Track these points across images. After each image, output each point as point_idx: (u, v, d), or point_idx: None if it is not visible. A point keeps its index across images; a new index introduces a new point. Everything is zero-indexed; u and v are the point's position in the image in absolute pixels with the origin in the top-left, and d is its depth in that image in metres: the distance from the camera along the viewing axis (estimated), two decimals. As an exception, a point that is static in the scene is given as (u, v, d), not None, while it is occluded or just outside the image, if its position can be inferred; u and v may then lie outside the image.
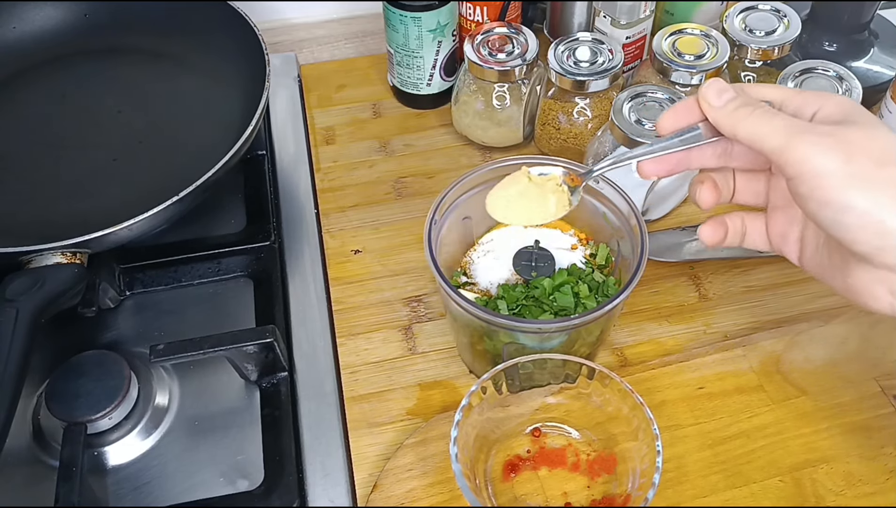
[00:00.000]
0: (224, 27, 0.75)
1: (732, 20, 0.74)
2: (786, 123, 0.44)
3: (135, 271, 0.67)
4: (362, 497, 0.56)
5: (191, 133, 0.73)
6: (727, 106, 0.46)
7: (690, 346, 0.63)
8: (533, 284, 0.58)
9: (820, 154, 0.42)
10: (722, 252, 0.68)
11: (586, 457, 0.55)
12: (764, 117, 0.45)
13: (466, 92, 0.75)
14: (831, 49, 0.78)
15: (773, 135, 0.44)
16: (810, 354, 0.61)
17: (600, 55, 0.71)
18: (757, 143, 0.45)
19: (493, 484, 0.54)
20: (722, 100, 0.46)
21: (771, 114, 0.45)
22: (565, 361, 0.54)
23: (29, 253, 0.58)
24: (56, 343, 0.63)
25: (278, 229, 0.71)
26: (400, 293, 0.67)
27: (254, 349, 0.58)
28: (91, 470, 0.56)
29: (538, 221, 0.52)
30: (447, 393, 0.61)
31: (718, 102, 0.46)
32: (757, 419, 0.57)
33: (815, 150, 0.43)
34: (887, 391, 0.58)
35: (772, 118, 0.45)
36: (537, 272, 0.59)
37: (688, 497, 0.54)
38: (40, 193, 0.69)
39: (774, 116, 0.45)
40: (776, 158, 0.44)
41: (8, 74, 0.78)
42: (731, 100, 0.46)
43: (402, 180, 0.76)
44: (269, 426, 0.58)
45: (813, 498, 0.54)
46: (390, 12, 0.75)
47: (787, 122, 0.44)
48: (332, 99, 0.84)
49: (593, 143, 0.70)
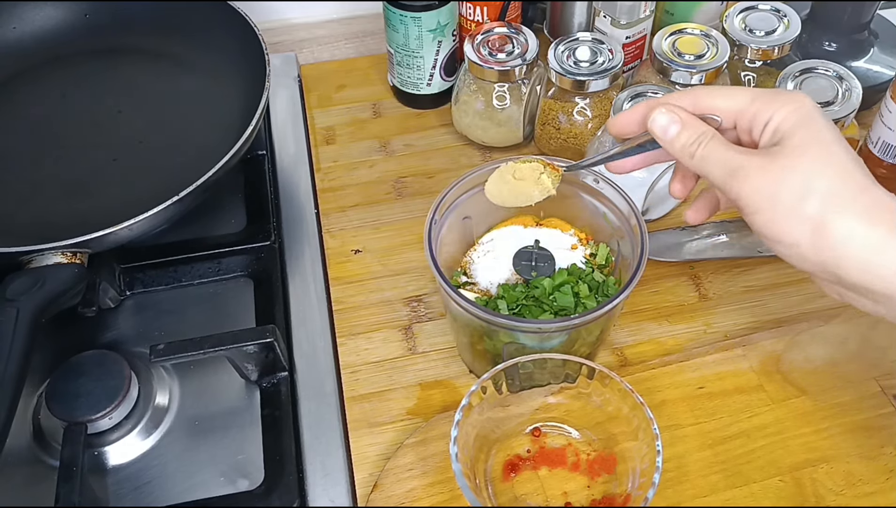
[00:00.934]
0: (224, 27, 0.75)
1: (732, 20, 0.74)
2: (723, 160, 0.47)
3: (135, 271, 0.67)
4: (362, 497, 0.56)
5: (191, 133, 0.73)
6: (673, 142, 0.48)
7: (690, 346, 0.63)
8: (533, 284, 0.58)
9: (751, 193, 0.45)
10: (722, 252, 0.68)
11: (586, 457, 0.55)
12: (706, 154, 0.47)
13: (466, 92, 0.75)
14: (831, 49, 0.78)
15: (714, 172, 0.47)
16: (810, 354, 0.61)
17: (600, 55, 0.71)
18: (703, 175, 0.48)
19: (493, 484, 0.54)
20: (667, 137, 0.49)
21: (712, 148, 0.47)
22: (565, 361, 0.54)
23: (29, 253, 0.58)
24: (56, 343, 0.63)
25: (278, 229, 0.71)
26: (400, 293, 0.67)
27: (254, 348, 0.58)
28: (91, 470, 0.56)
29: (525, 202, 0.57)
30: (447, 393, 0.61)
31: (665, 138, 0.49)
32: (757, 419, 0.57)
33: (746, 190, 0.46)
34: (887, 390, 0.58)
35: (711, 154, 0.47)
36: (537, 272, 0.59)
37: (688, 497, 0.54)
38: (40, 193, 0.69)
39: (714, 151, 0.47)
40: (720, 192, 0.49)
41: (8, 74, 0.78)
42: (674, 137, 0.48)
43: (402, 180, 0.76)
44: (269, 425, 0.58)
45: (813, 498, 0.54)
46: (390, 12, 0.75)
47: (725, 158, 0.47)
48: (333, 99, 0.84)
49: (593, 143, 0.70)
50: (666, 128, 0.49)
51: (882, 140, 0.69)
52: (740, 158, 0.46)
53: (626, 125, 0.52)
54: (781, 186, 0.45)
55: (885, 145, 0.69)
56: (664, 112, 0.49)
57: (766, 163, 0.45)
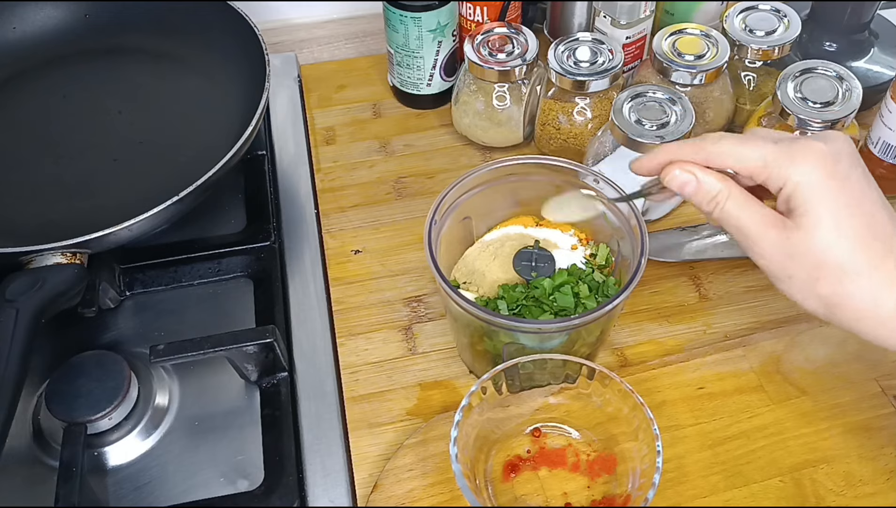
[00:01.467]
0: (224, 27, 0.75)
1: (732, 20, 0.74)
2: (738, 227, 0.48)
3: (135, 272, 0.67)
4: (362, 498, 0.56)
5: (191, 133, 0.73)
6: (691, 198, 0.49)
7: (690, 346, 0.63)
8: (533, 284, 0.58)
9: (767, 265, 0.47)
10: (722, 252, 0.68)
11: (586, 457, 0.55)
12: (722, 216, 0.48)
13: (466, 92, 0.75)
14: (831, 49, 0.78)
15: (733, 233, 0.48)
16: (810, 354, 0.61)
17: (600, 55, 0.71)
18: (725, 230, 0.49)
19: (493, 485, 0.54)
20: (685, 194, 0.49)
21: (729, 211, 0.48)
22: (565, 361, 0.54)
23: (29, 253, 0.58)
24: (56, 344, 0.63)
25: (278, 230, 0.71)
26: (400, 293, 0.67)
27: (254, 349, 0.58)
28: (91, 471, 0.56)
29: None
30: (447, 393, 0.61)
31: (683, 194, 0.49)
32: (757, 420, 0.57)
33: (762, 262, 0.47)
34: (887, 391, 0.58)
35: (728, 217, 0.48)
36: (537, 273, 0.59)
37: (688, 498, 0.54)
38: (40, 193, 0.69)
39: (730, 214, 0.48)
40: None
41: (8, 74, 0.78)
42: (692, 195, 0.49)
43: (402, 180, 0.76)
44: (269, 426, 0.58)
45: (813, 499, 0.54)
46: (390, 12, 0.75)
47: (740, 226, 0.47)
48: (333, 99, 0.84)
49: (593, 143, 0.70)
50: (682, 187, 0.49)
51: (882, 140, 0.69)
52: (755, 228, 0.47)
53: (649, 171, 0.52)
54: (794, 263, 0.46)
55: (885, 145, 0.69)
56: (678, 173, 0.49)
57: (781, 238, 0.46)
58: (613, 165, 0.67)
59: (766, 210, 0.47)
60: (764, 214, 0.47)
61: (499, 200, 0.63)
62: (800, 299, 0.47)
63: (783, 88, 0.67)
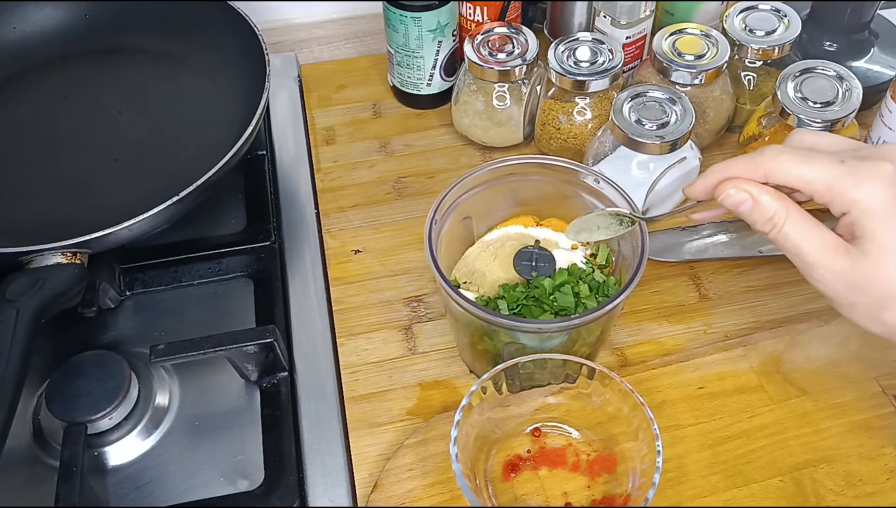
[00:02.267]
0: (224, 27, 0.75)
1: (732, 20, 0.74)
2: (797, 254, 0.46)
3: (135, 272, 0.67)
4: (362, 497, 0.56)
5: (191, 133, 0.73)
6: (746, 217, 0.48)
7: (691, 346, 0.63)
8: (533, 284, 0.58)
9: (827, 292, 0.47)
10: (722, 252, 0.68)
11: (586, 457, 0.55)
12: (779, 239, 0.47)
13: (466, 92, 0.75)
14: (831, 49, 0.78)
15: (791, 257, 0.47)
16: (811, 354, 0.61)
17: (600, 55, 0.71)
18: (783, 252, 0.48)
19: (493, 484, 0.54)
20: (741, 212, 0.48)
21: (786, 235, 0.46)
22: (566, 361, 0.54)
23: (29, 253, 0.58)
24: (56, 344, 0.63)
25: (278, 230, 0.71)
26: (400, 293, 0.67)
27: (254, 349, 0.58)
28: (91, 471, 0.56)
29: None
30: (447, 393, 0.61)
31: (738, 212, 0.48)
32: (757, 419, 0.57)
33: (822, 288, 0.46)
34: (887, 390, 0.58)
35: (786, 241, 0.47)
36: (538, 272, 0.59)
37: (688, 497, 0.54)
38: (41, 193, 0.69)
39: (788, 238, 0.46)
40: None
41: (8, 74, 0.78)
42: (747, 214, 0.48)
43: (402, 180, 0.76)
44: (269, 426, 0.58)
45: (813, 498, 0.54)
46: (390, 12, 0.75)
47: (799, 252, 0.46)
48: (333, 99, 0.84)
49: (593, 143, 0.70)
50: (737, 206, 0.48)
51: (882, 140, 0.69)
52: (816, 255, 0.45)
53: (704, 194, 0.51)
54: (858, 292, 0.45)
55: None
56: (733, 192, 0.48)
57: (844, 268, 0.45)
58: (614, 165, 0.67)
59: (827, 235, 0.46)
60: (826, 239, 0.45)
61: (499, 199, 0.63)
62: (864, 324, 0.46)
63: (783, 87, 0.67)
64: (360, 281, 0.68)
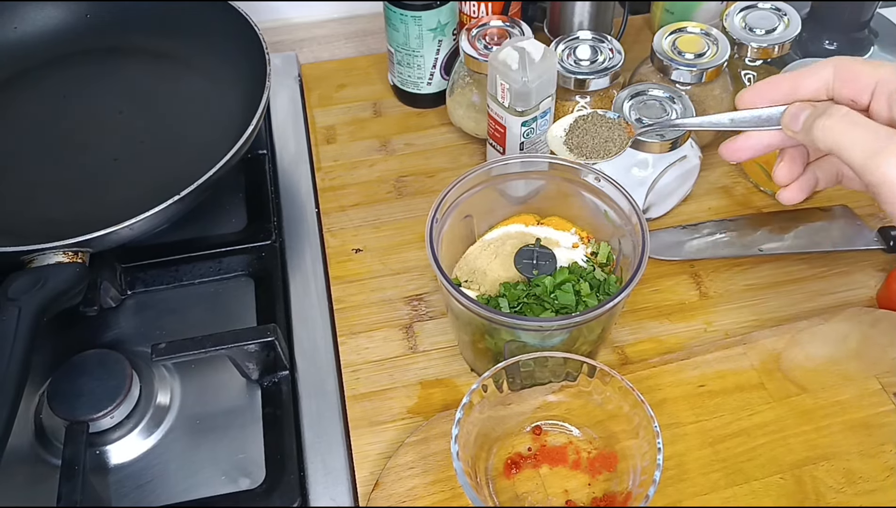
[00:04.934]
0: (225, 27, 0.75)
1: (732, 19, 0.74)
2: (863, 139, 0.42)
3: (136, 271, 0.67)
4: (364, 496, 0.56)
5: (192, 132, 0.73)
6: (805, 124, 0.46)
7: (691, 344, 0.63)
8: (534, 282, 0.58)
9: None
10: (723, 250, 0.68)
11: (587, 455, 0.55)
12: (844, 128, 0.43)
13: (461, 84, 0.75)
14: (831, 47, 0.78)
15: (851, 152, 0.43)
16: (811, 352, 0.61)
17: (601, 53, 0.71)
18: (839, 154, 0.44)
19: (494, 482, 0.55)
20: (799, 123, 0.46)
21: (850, 124, 0.43)
22: (566, 359, 0.54)
23: (31, 252, 0.58)
24: (58, 342, 0.63)
25: (279, 229, 0.71)
26: (401, 292, 0.67)
27: (255, 347, 0.58)
28: (93, 469, 0.56)
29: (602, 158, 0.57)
30: (448, 391, 0.61)
31: (796, 126, 0.47)
32: (757, 417, 0.57)
33: (892, 175, 0.41)
34: (888, 388, 0.59)
35: (851, 129, 0.43)
36: (539, 271, 0.59)
37: (688, 495, 0.54)
38: (42, 192, 0.69)
39: (853, 126, 0.43)
40: (858, 174, 0.43)
41: (9, 74, 0.78)
42: (806, 118, 0.46)
43: (402, 179, 0.76)
44: (270, 424, 0.58)
45: (813, 496, 0.54)
46: (391, 12, 0.75)
47: (865, 137, 0.42)
48: (333, 98, 0.84)
49: (594, 141, 0.70)
50: (796, 115, 0.47)
51: (882, 138, 0.69)
52: (884, 135, 0.42)
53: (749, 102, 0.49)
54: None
55: (885, 144, 0.69)
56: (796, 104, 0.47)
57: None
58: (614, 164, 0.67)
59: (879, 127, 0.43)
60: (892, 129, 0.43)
61: (500, 198, 0.63)
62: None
63: (783, 86, 0.67)
64: (361, 280, 0.68)
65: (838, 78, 0.47)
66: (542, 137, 0.68)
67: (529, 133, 0.67)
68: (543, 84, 0.64)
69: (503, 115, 0.66)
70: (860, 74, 0.46)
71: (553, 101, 0.67)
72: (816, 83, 0.48)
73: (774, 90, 0.49)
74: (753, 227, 0.70)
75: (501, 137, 0.68)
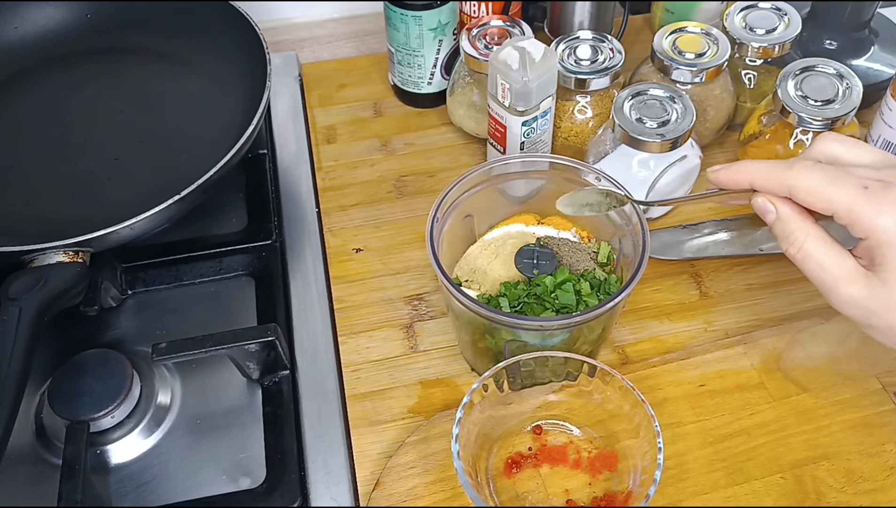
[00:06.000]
0: (225, 27, 0.75)
1: (733, 18, 0.74)
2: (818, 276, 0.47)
3: (137, 270, 0.67)
4: (364, 495, 0.56)
5: (192, 132, 0.73)
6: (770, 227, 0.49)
7: (691, 344, 0.63)
8: (535, 281, 0.58)
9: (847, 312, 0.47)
10: (723, 250, 0.68)
11: (588, 454, 0.55)
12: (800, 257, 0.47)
13: (461, 84, 0.75)
14: (831, 47, 0.78)
15: (810, 277, 0.47)
16: (811, 351, 0.61)
17: (601, 53, 0.71)
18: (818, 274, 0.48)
19: (494, 482, 0.55)
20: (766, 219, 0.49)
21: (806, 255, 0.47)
22: (567, 358, 0.54)
23: (31, 252, 0.58)
24: (58, 342, 0.63)
25: (279, 228, 0.71)
26: (401, 292, 0.67)
27: (255, 347, 0.58)
28: (94, 469, 0.56)
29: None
30: (449, 391, 0.61)
31: (764, 219, 0.49)
32: (758, 417, 0.57)
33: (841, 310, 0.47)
34: (888, 388, 0.59)
35: (805, 261, 0.47)
36: (539, 270, 0.59)
37: (689, 495, 0.54)
38: (42, 192, 0.69)
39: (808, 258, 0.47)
40: None
41: (10, 73, 0.78)
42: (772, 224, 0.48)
43: (403, 179, 0.76)
44: (270, 424, 0.58)
45: (814, 495, 0.54)
46: (391, 11, 0.75)
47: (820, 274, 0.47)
48: (333, 98, 0.84)
49: (594, 141, 0.70)
50: (763, 214, 0.49)
51: (882, 138, 0.69)
52: (834, 280, 0.46)
53: (726, 184, 0.50)
54: (876, 317, 0.45)
55: (885, 143, 0.69)
56: (760, 201, 0.49)
57: (862, 295, 0.45)
58: (614, 163, 0.67)
59: (847, 262, 0.46)
60: (845, 265, 0.46)
61: (500, 198, 0.63)
62: (882, 341, 0.47)
63: (783, 86, 0.67)
64: (362, 279, 0.68)
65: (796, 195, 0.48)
66: (543, 137, 0.69)
67: (530, 133, 0.67)
68: (544, 84, 0.64)
69: (504, 114, 0.66)
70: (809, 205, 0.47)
71: (554, 100, 0.67)
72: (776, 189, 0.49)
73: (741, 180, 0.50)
74: (754, 226, 0.70)
75: (502, 137, 0.68)
